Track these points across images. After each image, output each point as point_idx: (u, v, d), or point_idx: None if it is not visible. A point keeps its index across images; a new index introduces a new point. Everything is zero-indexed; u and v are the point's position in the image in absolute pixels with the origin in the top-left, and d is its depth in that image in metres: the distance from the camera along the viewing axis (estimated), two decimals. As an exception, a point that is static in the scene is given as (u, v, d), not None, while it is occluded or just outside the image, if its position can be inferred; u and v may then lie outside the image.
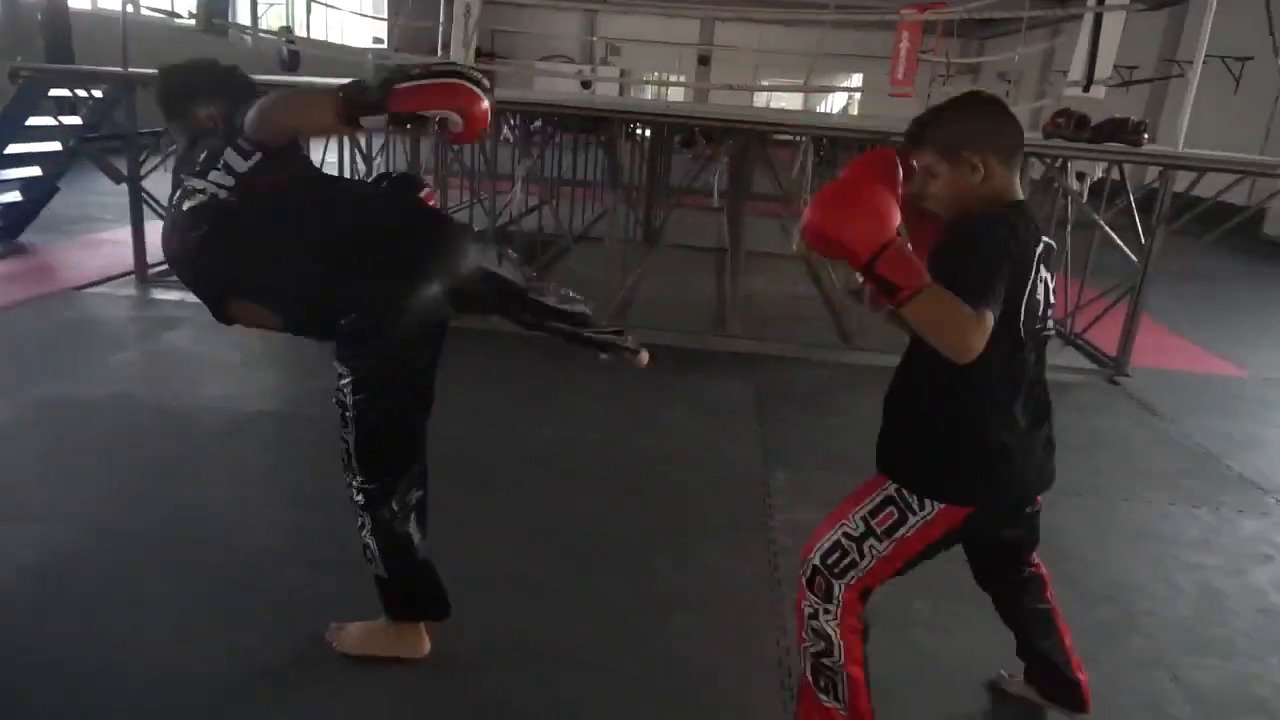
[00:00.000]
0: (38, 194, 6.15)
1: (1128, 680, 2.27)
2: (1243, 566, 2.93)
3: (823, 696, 1.77)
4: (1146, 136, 4.69)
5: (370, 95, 1.72)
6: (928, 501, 1.68)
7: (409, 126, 1.84)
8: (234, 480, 3.04)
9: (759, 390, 4.33)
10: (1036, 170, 6.46)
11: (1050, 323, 1.69)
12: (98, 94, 5.68)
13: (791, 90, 19.43)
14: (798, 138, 9.14)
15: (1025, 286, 1.59)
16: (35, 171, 6.02)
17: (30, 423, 3.36)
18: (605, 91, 17.19)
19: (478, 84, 1.74)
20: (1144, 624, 2.54)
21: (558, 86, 14.76)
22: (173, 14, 12.70)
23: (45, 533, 2.58)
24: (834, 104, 23.59)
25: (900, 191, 1.55)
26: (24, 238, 6.11)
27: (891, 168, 1.55)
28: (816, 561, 1.73)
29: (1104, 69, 5.32)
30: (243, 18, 11.35)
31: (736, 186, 6.21)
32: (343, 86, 1.72)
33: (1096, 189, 7.22)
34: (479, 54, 13.30)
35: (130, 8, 7.69)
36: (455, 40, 8.48)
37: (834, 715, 1.76)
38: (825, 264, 7.28)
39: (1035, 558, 1.99)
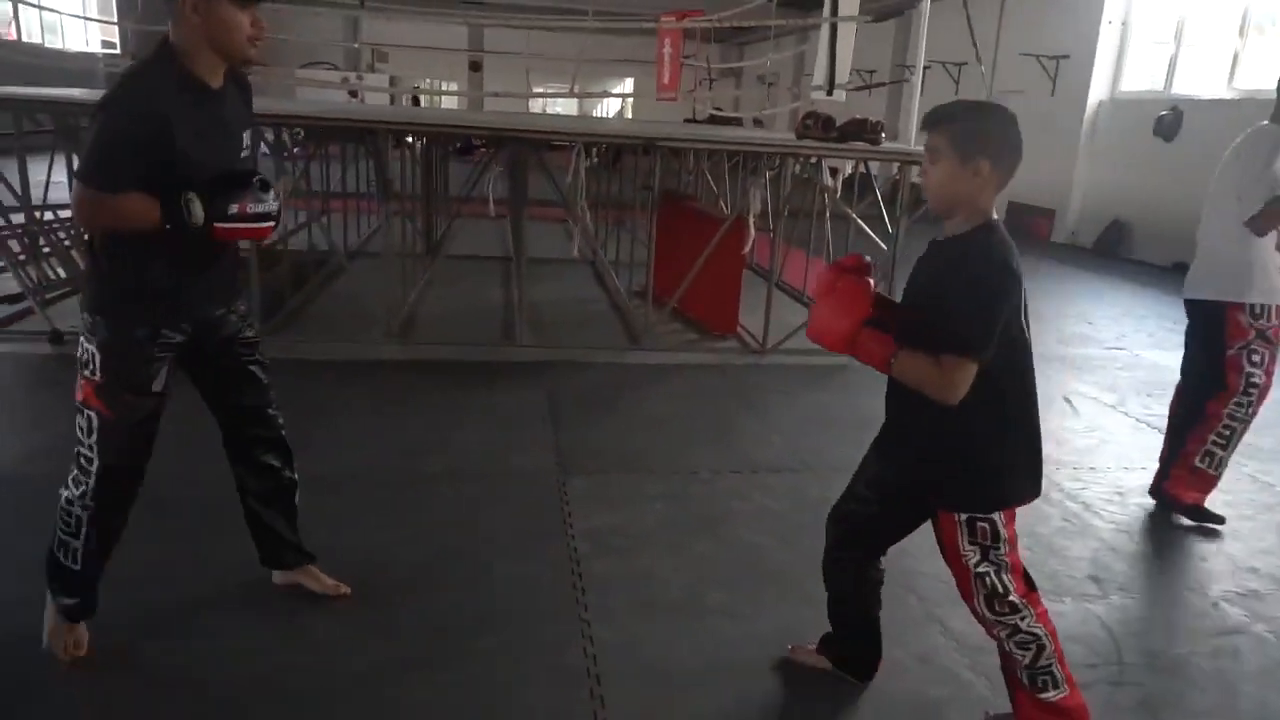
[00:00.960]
0: None
1: (906, 638, 2.46)
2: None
3: (1046, 695, 1.92)
4: (884, 135, 5.14)
5: (192, 224, 1.91)
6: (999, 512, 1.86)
7: None
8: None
9: (551, 397, 4.31)
10: (796, 167, 6.89)
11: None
12: None
13: (563, 96, 19.63)
14: (571, 143, 9.25)
15: (1023, 316, 1.76)
16: None
17: None
18: (376, 100, 16.54)
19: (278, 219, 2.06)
20: (917, 584, 2.76)
21: (323, 95, 14.01)
22: None
23: None
24: (610, 108, 24.11)
25: (869, 289, 1.83)
26: None
27: (855, 278, 1.83)
28: (982, 601, 1.90)
29: (843, 74, 5.75)
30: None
31: (515, 194, 6.16)
32: (163, 208, 1.88)
33: (849, 184, 7.82)
34: (229, 61, 12.30)
35: None
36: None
37: (1061, 704, 1.92)
38: (608, 267, 7.41)
39: None
